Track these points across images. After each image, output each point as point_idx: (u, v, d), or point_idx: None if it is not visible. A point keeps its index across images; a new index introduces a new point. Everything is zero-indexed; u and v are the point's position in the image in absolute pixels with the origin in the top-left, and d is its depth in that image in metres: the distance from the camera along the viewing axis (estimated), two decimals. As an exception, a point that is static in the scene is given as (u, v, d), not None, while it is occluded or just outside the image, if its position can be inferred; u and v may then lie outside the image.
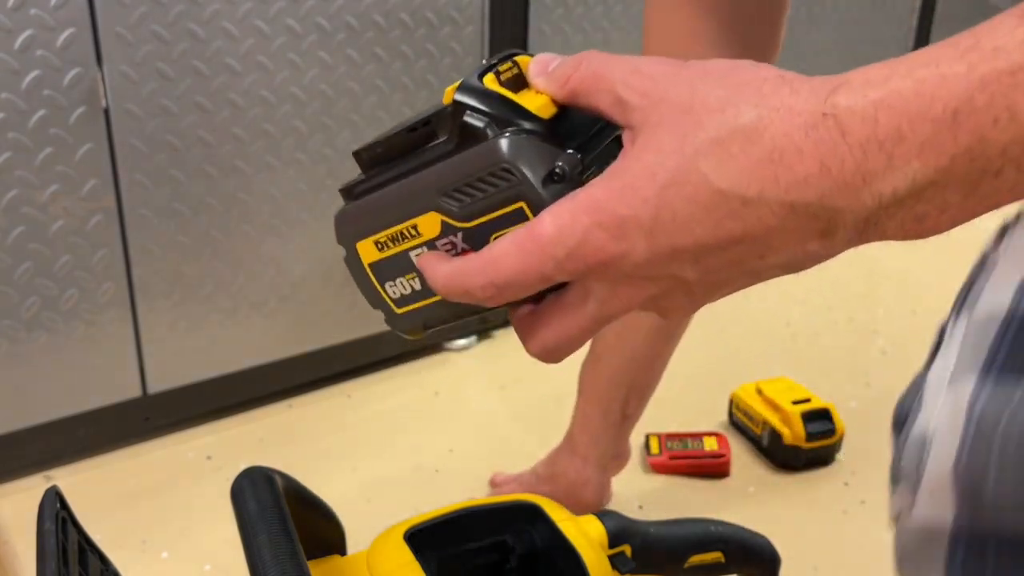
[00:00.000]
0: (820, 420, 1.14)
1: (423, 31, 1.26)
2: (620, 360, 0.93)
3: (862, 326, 1.52)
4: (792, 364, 1.30)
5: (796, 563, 0.77)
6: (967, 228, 0.37)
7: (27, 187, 1.03)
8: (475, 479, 1.11)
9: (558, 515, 0.62)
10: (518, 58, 0.42)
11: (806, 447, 1.13)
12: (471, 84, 0.40)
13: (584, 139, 0.40)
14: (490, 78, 0.40)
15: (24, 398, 1.11)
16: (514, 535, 0.62)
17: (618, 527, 0.65)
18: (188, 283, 1.18)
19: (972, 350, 0.45)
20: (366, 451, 1.20)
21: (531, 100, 0.40)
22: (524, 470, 1.05)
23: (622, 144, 0.40)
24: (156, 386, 1.20)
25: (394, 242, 0.45)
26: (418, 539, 0.59)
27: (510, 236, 0.38)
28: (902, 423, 0.50)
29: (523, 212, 0.39)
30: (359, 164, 0.47)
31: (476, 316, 0.45)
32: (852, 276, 1.65)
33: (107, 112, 1.05)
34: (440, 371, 1.41)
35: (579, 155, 0.39)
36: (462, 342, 1.46)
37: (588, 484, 0.98)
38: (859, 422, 1.20)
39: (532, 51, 0.44)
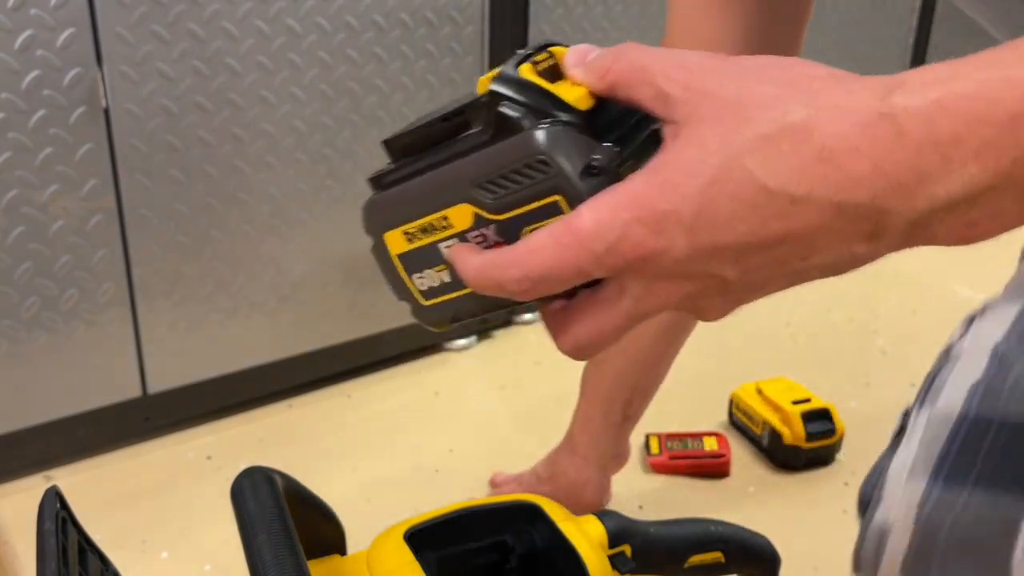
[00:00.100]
0: (820, 420, 1.14)
1: (423, 31, 1.26)
2: (625, 361, 0.92)
3: (862, 326, 1.52)
4: (792, 364, 1.30)
5: (796, 563, 0.77)
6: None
7: (27, 187, 1.03)
8: (475, 479, 1.11)
9: (558, 515, 0.62)
10: (554, 48, 0.41)
11: (806, 447, 1.13)
12: (508, 74, 0.39)
13: (621, 132, 0.39)
14: (527, 68, 0.39)
15: (24, 398, 1.11)
16: (514, 535, 0.62)
17: (618, 527, 0.65)
18: (188, 283, 1.18)
19: (927, 450, 0.47)
20: (366, 451, 1.20)
21: (568, 91, 0.39)
22: (524, 470, 1.05)
23: (659, 138, 0.39)
24: (156, 386, 1.20)
25: (424, 233, 0.44)
26: (418, 539, 0.59)
27: (547, 229, 0.38)
28: (866, 505, 0.52)
29: (559, 206, 0.38)
30: (388, 153, 0.46)
31: (504, 310, 0.44)
32: (852, 276, 1.64)
33: (107, 112, 1.06)
34: (440, 371, 1.41)
35: (617, 148, 0.38)
36: (462, 342, 1.46)
37: (588, 484, 0.98)
38: (859, 422, 1.20)
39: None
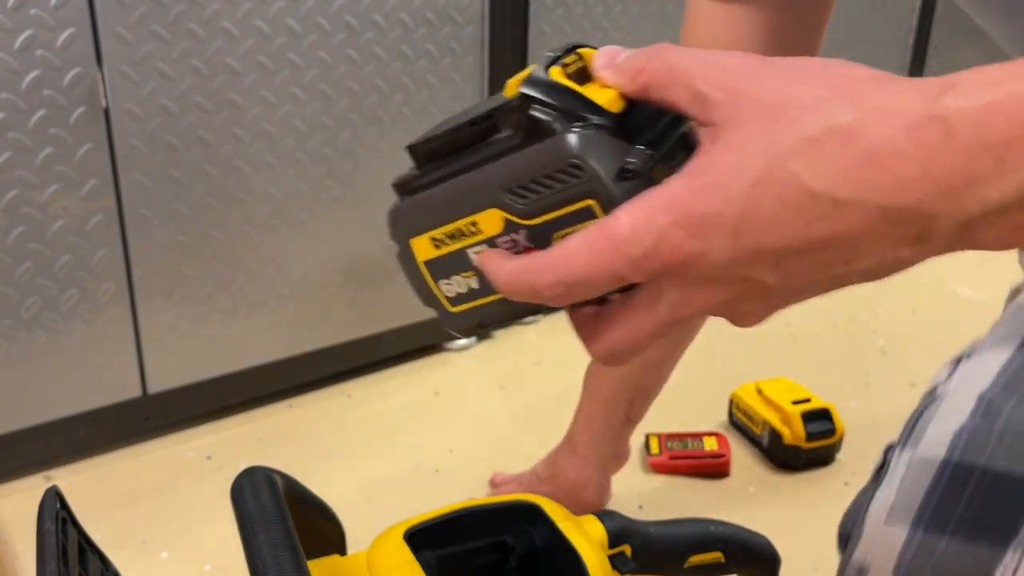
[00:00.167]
0: (820, 420, 1.14)
1: (423, 31, 1.26)
2: (631, 363, 0.92)
3: (862, 326, 1.52)
4: (792, 364, 1.30)
5: (796, 563, 0.77)
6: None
7: (27, 187, 1.03)
8: (475, 479, 1.11)
9: (558, 515, 0.62)
10: (582, 50, 0.40)
11: (806, 447, 1.13)
12: (538, 77, 0.39)
13: (653, 134, 0.39)
14: (556, 71, 0.39)
15: (24, 398, 1.11)
16: (514, 535, 0.62)
17: (618, 527, 0.65)
18: (188, 283, 1.18)
19: (908, 494, 0.47)
20: (366, 451, 1.20)
21: (599, 94, 0.38)
22: (524, 470, 1.05)
23: (689, 140, 0.39)
24: (156, 386, 1.20)
25: (452, 239, 0.43)
26: (418, 539, 0.59)
27: (582, 234, 0.37)
28: (846, 539, 0.52)
29: (592, 210, 0.38)
30: (413, 158, 0.45)
31: (533, 315, 0.44)
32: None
33: (107, 112, 1.05)
34: (440, 371, 1.41)
35: (649, 151, 0.38)
36: (462, 342, 1.46)
37: (588, 484, 0.98)
38: (859, 422, 1.20)
39: (533, 50, 0.43)
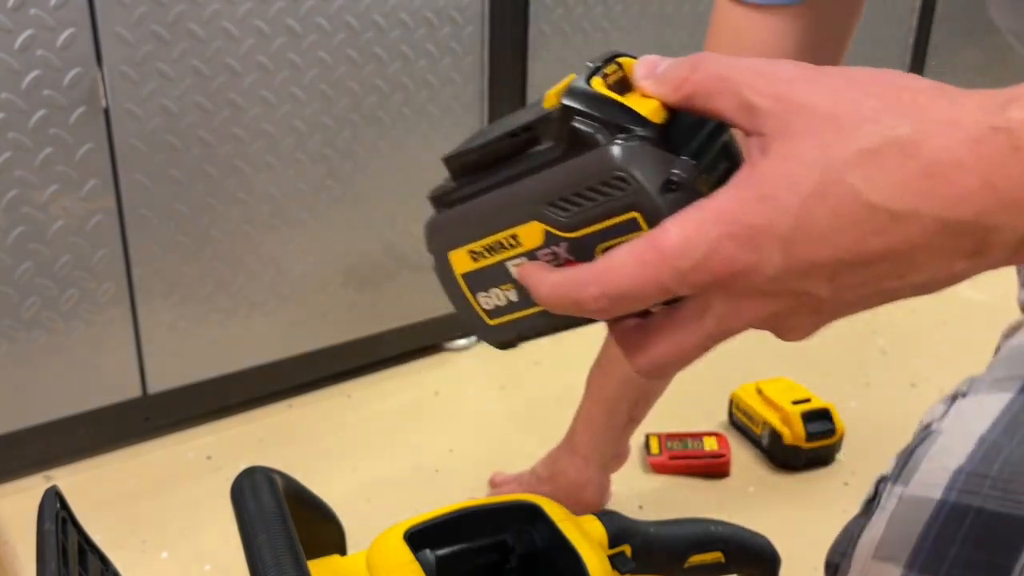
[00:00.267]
0: (820, 420, 1.14)
1: (423, 31, 1.26)
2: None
3: (862, 326, 1.52)
4: (792, 364, 1.30)
5: (796, 563, 0.77)
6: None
7: (27, 187, 1.03)
8: (475, 479, 1.11)
9: (558, 515, 0.62)
10: (621, 59, 0.40)
11: (806, 447, 1.13)
12: (580, 88, 0.38)
13: (696, 145, 0.38)
14: (597, 81, 0.38)
15: (24, 398, 1.11)
16: (514, 535, 0.62)
17: (618, 527, 0.65)
18: (188, 283, 1.18)
19: (900, 533, 0.47)
20: (366, 451, 1.20)
21: (641, 104, 0.38)
22: (524, 470, 1.05)
23: (731, 150, 0.38)
24: (156, 386, 1.20)
25: (491, 252, 0.43)
26: (418, 539, 0.59)
27: (627, 246, 0.36)
28: (834, 569, 0.53)
29: (636, 222, 0.37)
30: (449, 170, 0.45)
31: (572, 327, 0.43)
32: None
33: (107, 112, 1.05)
34: (440, 371, 1.41)
35: (694, 162, 0.37)
36: (462, 342, 1.46)
37: (589, 484, 0.98)
38: (859, 422, 1.20)
39: (533, 50, 0.43)
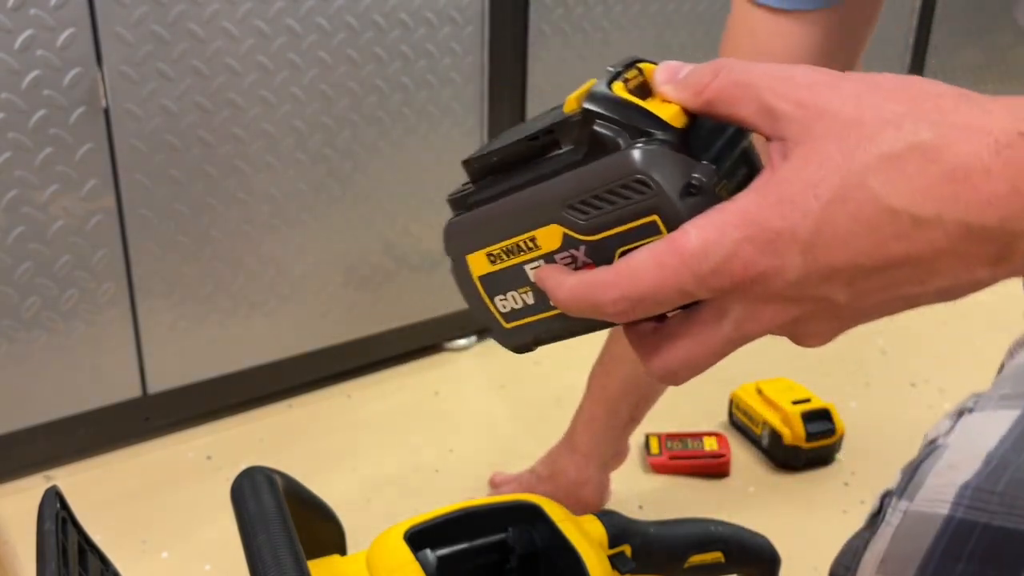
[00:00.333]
0: (820, 420, 1.14)
1: (423, 31, 1.26)
2: (635, 369, 0.92)
3: (862, 326, 1.52)
4: (792, 364, 1.30)
5: (796, 563, 0.77)
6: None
7: (27, 187, 1.03)
8: (475, 479, 1.11)
9: (558, 515, 0.62)
10: (642, 65, 0.40)
11: (806, 447, 1.13)
12: (601, 92, 0.39)
13: (716, 150, 0.39)
14: (619, 86, 0.39)
15: (24, 398, 1.11)
16: (514, 535, 0.62)
17: (618, 527, 0.65)
18: (188, 283, 1.18)
19: (905, 548, 0.47)
20: (366, 451, 1.20)
21: (662, 109, 0.38)
22: (524, 470, 1.05)
23: (750, 155, 0.39)
24: (156, 386, 1.20)
25: (509, 255, 0.43)
26: (418, 539, 0.59)
27: (647, 249, 0.36)
28: None
29: (656, 225, 0.38)
30: (468, 173, 0.45)
31: (589, 332, 0.43)
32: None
33: (107, 112, 1.05)
34: (440, 371, 1.41)
35: (714, 166, 0.37)
36: (462, 342, 1.46)
37: (588, 482, 0.98)
38: (859, 422, 1.20)
39: (533, 50, 0.43)
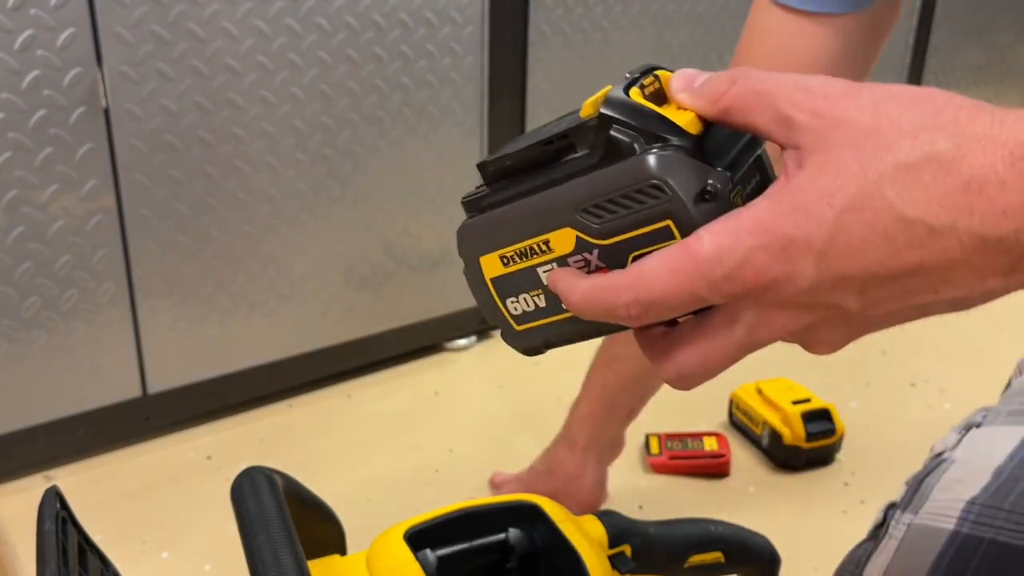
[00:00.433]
0: (820, 420, 1.14)
1: (423, 31, 1.26)
2: (639, 363, 0.92)
3: (862, 326, 1.52)
4: (792, 364, 1.30)
5: (796, 563, 0.77)
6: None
7: (27, 187, 1.03)
8: (475, 479, 1.11)
9: (558, 515, 0.62)
10: (659, 72, 0.41)
11: (806, 447, 1.13)
12: (618, 98, 0.39)
13: (730, 157, 0.39)
14: (635, 92, 0.39)
15: (24, 398, 1.11)
16: (514, 535, 0.62)
17: (618, 527, 0.65)
18: (188, 283, 1.18)
19: (910, 564, 0.47)
20: (366, 451, 1.20)
21: (677, 116, 0.39)
22: (523, 469, 1.05)
23: (764, 163, 0.39)
24: (156, 386, 1.20)
25: (521, 257, 0.43)
26: (418, 539, 0.59)
27: (661, 253, 0.37)
28: None
29: (669, 231, 0.38)
30: (483, 176, 0.45)
31: (600, 335, 0.43)
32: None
33: (107, 112, 1.06)
34: (440, 371, 1.41)
35: (728, 173, 0.38)
36: (462, 342, 1.46)
37: (586, 475, 0.98)
38: (859, 422, 1.20)
39: (533, 51, 0.43)
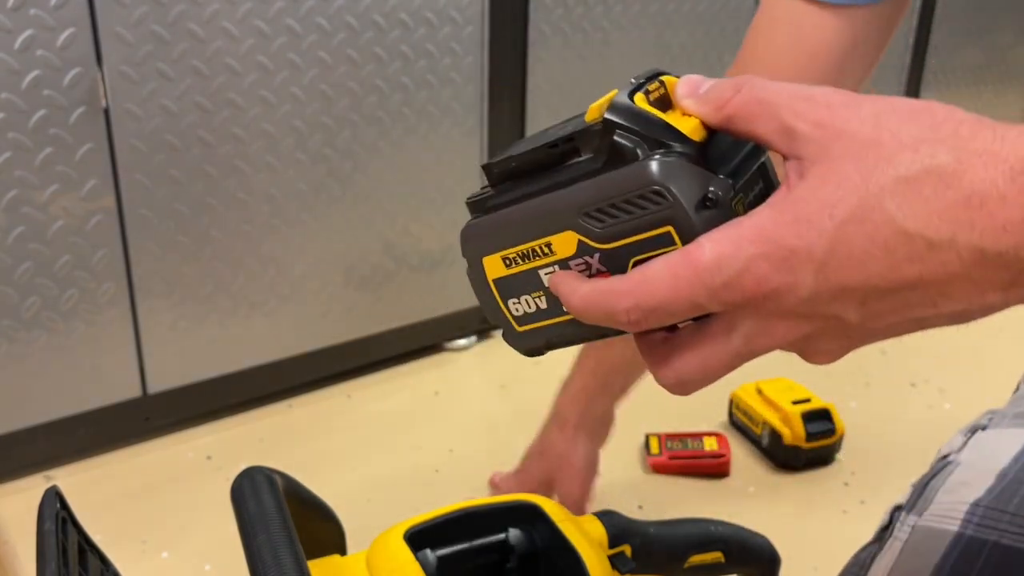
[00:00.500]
0: (820, 420, 1.14)
1: (423, 31, 1.26)
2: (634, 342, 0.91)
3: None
4: (792, 364, 1.30)
5: (796, 563, 0.77)
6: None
7: (27, 187, 1.03)
8: (475, 479, 1.10)
9: (558, 515, 0.62)
10: (665, 77, 0.41)
11: (806, 447, 1.13)
12: (622, 103, 0.39)
13: (733, 165, 0.39)
14: (640, 97, 0.39)
15: (24, 398, 1.11)
16: (514, 535, 0.62)
17: (618, 527, 0.65)
18: (188, 283, 1.18)
19: (914, 566, 0.48)
20: (366, 451, 1.20)
21: (682, 122, 0.39)
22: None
23: (767, 172, 0.39)
24: (156, 386, 1.20)
25: (524, 259, 0.44)
26: (418, 539, 0.59)
27: (662, 259, 0.37)
28: None
29: (670, 236, 0.38)
30: (488, 177, 0.46)
31: (600, 339, 0.43)
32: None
33: (107, 112, 1.06)
34: (440, 371, 1.41)
35: (731, 181, 0.38)
36: (462, 342, 1.46)
37: (577, 451, 0.96)
38: (859, 422, 1.20)
39: (533, 51, 0.43)
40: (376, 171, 1.28)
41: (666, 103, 0.40)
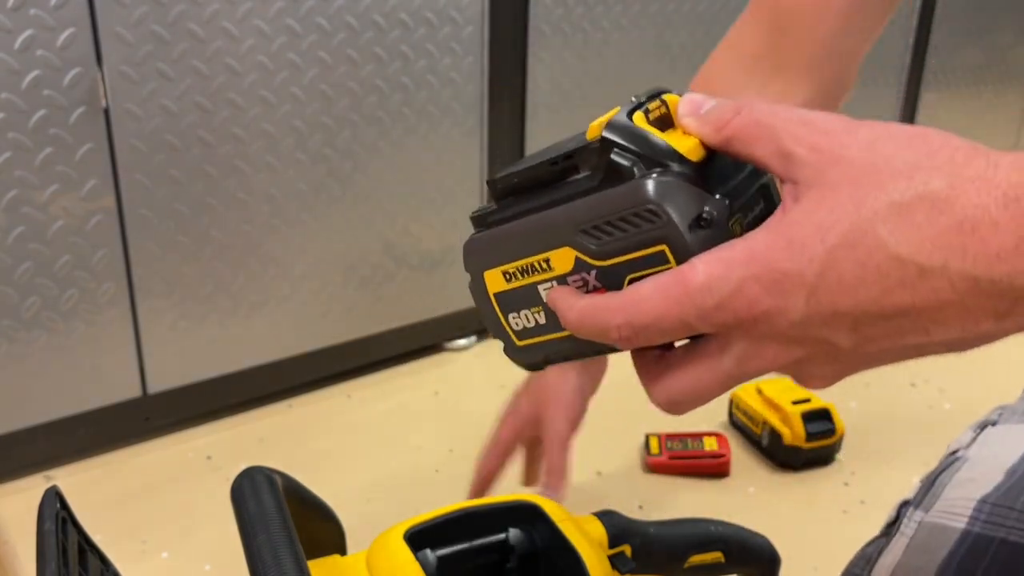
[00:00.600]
0: (820, 420, 1.14)
1: (423, 31, 1.26)
2: None
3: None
4: (792, 364, 1.30)
5: (796, 563, 0.77)
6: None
7: (27, 187, 1.03)
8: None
9: (558, 515, 0.62)
10: (667, 96, 0.41)
11: (806, 447, 1.13)
12: (621, 122, 0.40)
13: (732, 185, 0.39)
14: (639, 116, 0.40)
15: (24, 398, 1.11)
16: (514, 535, 0.62)
17: (618, 527, 0.65)
18: (188, 283, 1.18)
19: (920, 562, 0.48)
20: (366, 451, 1.20)
21: (680, 141, 0.39)
22: (519, 470, 1.05)
23: (767, 193, 0.39)
24: (156, 386, 1.20)
25: (523, 274, 0.44)
26: (418, 539, 0.59)
27: (656, 279, 0.37)
28: None
29: (664, 255, 0.38)
30: (492, 193, 0.46)
31: (598, 354, 0.44)
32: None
33: (107, 112, 1.06)
34: (440, 371, 1.41)
35: (727, 201, 0.38)
36: (462, 342, 1.46)
37: (567, 384, 0.93)
38: (859, 422, 1.20)
39: (533, 51, 0.43)
40: (376, 171, 1.28)
41: (667, 122, 0.40)
